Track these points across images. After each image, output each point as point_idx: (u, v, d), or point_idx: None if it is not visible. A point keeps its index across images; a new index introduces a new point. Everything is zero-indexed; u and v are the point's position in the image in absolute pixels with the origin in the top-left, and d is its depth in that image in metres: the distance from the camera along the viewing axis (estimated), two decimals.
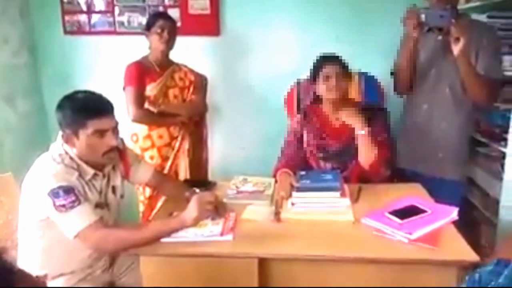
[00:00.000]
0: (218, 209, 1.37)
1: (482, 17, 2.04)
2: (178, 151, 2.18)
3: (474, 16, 2.07)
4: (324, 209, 1.45)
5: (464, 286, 0.65)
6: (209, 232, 1.32)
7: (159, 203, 1.86)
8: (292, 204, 1.48)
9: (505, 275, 0.63)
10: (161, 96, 2.09)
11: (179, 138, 2.17)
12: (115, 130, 1.38)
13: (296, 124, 1.86)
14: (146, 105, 2.07)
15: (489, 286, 0.61)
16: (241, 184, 1.75)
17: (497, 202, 1.82)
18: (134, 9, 2.55)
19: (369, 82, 2.10)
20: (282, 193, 1.56)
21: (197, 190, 1.60)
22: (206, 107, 2.27)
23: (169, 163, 2.15)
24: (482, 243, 1.92)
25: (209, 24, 2.53)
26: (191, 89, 2.19)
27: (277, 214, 1.46)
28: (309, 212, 1.45)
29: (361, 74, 2.11)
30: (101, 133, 1.33)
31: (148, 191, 2.11)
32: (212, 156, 2.44)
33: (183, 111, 2.12)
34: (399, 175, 1.86)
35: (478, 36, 1.71)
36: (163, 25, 2.04)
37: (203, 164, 2.32)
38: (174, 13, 2.48)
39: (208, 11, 2.51)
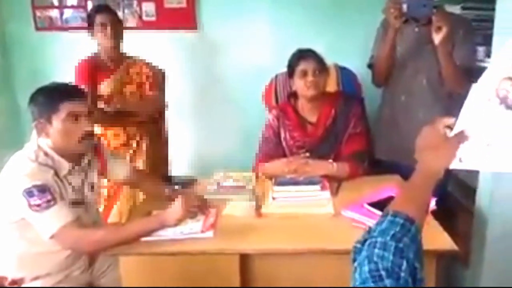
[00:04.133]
0: (201, 207, 1.36)
1: (456, 9, 2.07)
2: (135, 151, 2.09)
3: (448, 8, 2.10)
4: (304, 203, 1.46)
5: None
6: (189, 230, 1.30)
7: (117, 203, 1.82)
8: (273, 198, 1.48)
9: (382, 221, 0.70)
10: (116, 94, 2.00)
11: (137, 137, 2.09)
12: (89, 116, 1.35)
13: (273, 119, 1.85)
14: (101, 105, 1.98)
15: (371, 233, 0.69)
16: (222, 179, 1.73)
17: (474, 190, 1.85)
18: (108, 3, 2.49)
19: (346, 74, 2.10)
20: None
21: (176, 187, 1.58)
22: (165, 103, 2.20)
23: None
24: (460, 232, 1.96)
25: (186, 18, 2.49)
26: (148, 84, 2.09)
27: (258, 209, 1.46)
28: (290, 206, 1.45)
29: (338, 67, 2.11)
30: (75, 117, 1.30)
31: (105, 191, 2.02)
32: (190, 152, 2.42)
33: (141, 109, 2.04)
34: (377, 166, 1.88)
35: (454, 27, 1.74)
36: (104, 20, 1.94)
37: (164, 163, 2.26)
38: (150, 6, 2.44)
39: (184, 5, 2.46)
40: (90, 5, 2.48)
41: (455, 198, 2.11)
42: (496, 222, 1.72)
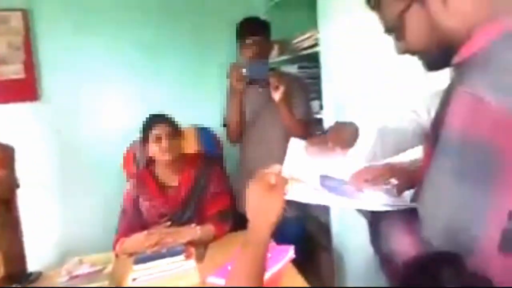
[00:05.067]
0: None
1: (293, 68, 2.34)
2: None
3: (286, 68, 2.36)
4: (169, 277, 1.37)
5: None
6: None
7: None
8: (133, 280, 1.36)
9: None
10: None
11: None
12: None
13: (131, 189, 1.76)
14: None
15: None
16: (75, 267, 1.53)
17: (329, 229, 2.02)
18: None
19: (206, 134, 2.15)
20: None
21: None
22: (17, 183, 1.96)
23: None
24: (323, 271, 2.09)
25: (25, 89, 2.27)
26: None
27: None
28: (152, 284, 1.35)
29: (197, 128, 2.16)
30: None
31: None
32: (45, 238, 2.13)
33: None
34: (242, 221, 1.91)
35: (290, 86, 1.94)
36: None
37: (20, 254, 1.96)
38: None
39: (22, 76, 2.26)
40: None
41: (315, 238, 2.26)
42: (352, 255, 1.88)
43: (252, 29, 1.91)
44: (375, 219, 0.80)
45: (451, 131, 0.63)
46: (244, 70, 1.80)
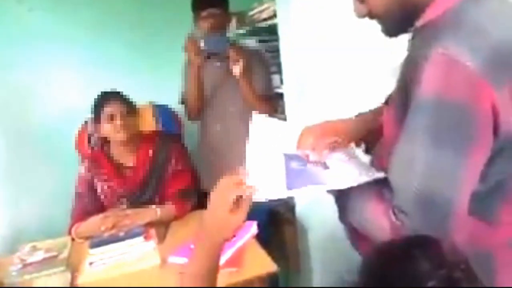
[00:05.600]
0: None
1: (252, 41, 2.28)
2: None
3: (246, 41, 2.30)
4: (128, 260, 1.34)
5: None
6: None
7: None
8: (90, 264, 1.31)
9: None
10: None
11: None
12: None
13: (84, 171, 1.68)
14: None
15: None
16: (29, 254, 1.46)
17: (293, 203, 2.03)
18: None
19: (164, 112, 2.08)
20: None
21: None
22: None
23: None
24: (287, 245, 2.12)
25: None
26: None
27: (74, 280, 1.27)
28: (111, 268, 1.31)
29: (154, 105, 2.07)
30: None
31: None
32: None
33: None
34: (205, 199, 1.88)
35: (249, 60, 1.89)
36: None
37: None
38: None
39: None
40: None
41: (279, 212, 2.28)
42: (316, 228, 1.92)
43: (208, 0, 1.83)
44: (341, 193, 0.78)
45: (426, 92, 0.62)
46: (202, 43, 1.73)
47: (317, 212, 1.89)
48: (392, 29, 0.77)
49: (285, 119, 2.04)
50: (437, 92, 0.61)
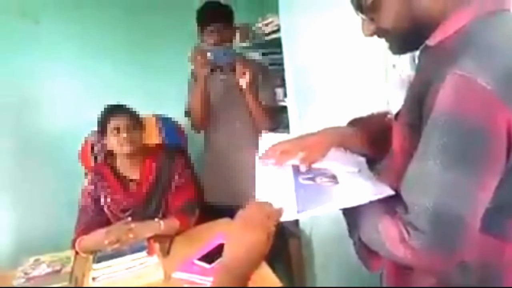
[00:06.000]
0: None
1: (256, 54, 2.30)
2: None
3: (250, 54, 2.31)
4: (131, 274, 1.33)
5: None
6: None
7: None
8: (93, 279, 1.30)
9: None
10: None
11: None
12: None
13: (89, 184, 1.68)
14: None
15: None
16: (32, 268, 1.45)
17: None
18: None
19: (168, 123, 2.09)
20: None
21: None
22: None
23: None
24: (292, 258, 2.10)
25: None
26: None
27: None
28: (114, 283, 1.30)
29: (158, 117, 2.08)
30: None
31: None
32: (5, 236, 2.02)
33: None
34: (210, 212, 1.88)
35: (255, 73, 1.90)
36: None
37: None
38: None
39: None
40: None
41: (283, 225, 2.26)
42: (320, 241, 1.91)
43: (214, 15, 1.84)
44: (351, 209, 0.77)
45: (442, 112, 0.62)
46: (209, 55, 1.75)
47: (321, 224, 1.89)
48: (400, 46, 0.78)
49: (288, 132, 2.05)
50: (453, 112, 0.61)
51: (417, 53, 0.78)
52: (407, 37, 0.73)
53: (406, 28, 0.72)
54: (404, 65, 1.59)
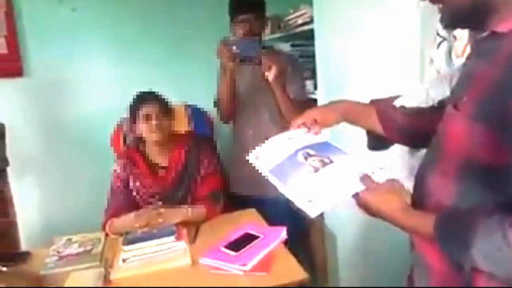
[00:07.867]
0: None
1: (286, 46, 2.28)
2: None
3: (278, 46, 2.30)
4: (160, 258, 1.36)
5: None
6: None
7: None
8: (123, 260, 1.34)
9: None
10: None
11: None
12: None
13: (120, 169, 1.72)
14: None
15: None
16: (64, 246, 1.51)
17: None
18: None
19: (196, 113, 2.11)
20: None
21: (4, 269, 1.32)
22: (7, 160, 1.92)
23: None
24: (315, 249, 2.10)
25: (8, 65, 2.19)
26: None
27: (106, 275, 1.30)
28: (143, 265, 1.33)
29: (188, 106, 2.11)
30: None
31: None
32: (31, 218, 2.10)
33: None
34: (234, 202, 1.89)
35: (283, 65, 1.89)
36: None
37: (11, 233, 1.95)
38: None
39: (5, 51, 2.17)
40: None
41: (307, 218, 2.26)
42: (343, 235, 1.89)
43: (244, 6, 1.84)
44: (457, 225, 0.67)
45: None
46: (235, 48, 1.74)
47: (345, 217, 1.87)
48: (454, 19, 0.71)
49: None
50: None
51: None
52: (465, 8, 0.67)
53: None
54: (441, 60, 1.55)
